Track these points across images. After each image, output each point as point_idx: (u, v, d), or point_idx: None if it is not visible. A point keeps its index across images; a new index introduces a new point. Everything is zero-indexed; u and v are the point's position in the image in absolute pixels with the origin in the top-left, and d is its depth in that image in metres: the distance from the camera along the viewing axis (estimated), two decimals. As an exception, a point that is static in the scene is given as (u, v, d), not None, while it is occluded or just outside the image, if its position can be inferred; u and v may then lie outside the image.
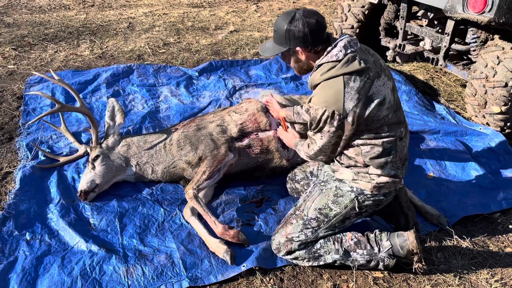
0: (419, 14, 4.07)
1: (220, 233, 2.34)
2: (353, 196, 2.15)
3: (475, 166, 3.06)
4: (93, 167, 2.69)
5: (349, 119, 1.95)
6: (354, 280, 2.21)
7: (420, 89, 4.24)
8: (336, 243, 2.18)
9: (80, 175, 2.85)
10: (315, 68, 2.04)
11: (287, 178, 2.72)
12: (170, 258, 2.28)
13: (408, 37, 4.36)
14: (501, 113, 3.35)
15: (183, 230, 2.47)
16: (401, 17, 4.06)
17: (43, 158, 2.98)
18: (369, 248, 2.16)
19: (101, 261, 2.24)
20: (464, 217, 2.63)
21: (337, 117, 1.94)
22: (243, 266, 2.22)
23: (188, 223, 2.50)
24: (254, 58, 4.76)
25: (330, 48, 1.98)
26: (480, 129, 3.48)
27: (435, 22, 4.04)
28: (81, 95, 3.79)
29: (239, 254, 2.29)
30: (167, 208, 2.63)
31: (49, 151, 3.07)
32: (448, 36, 3.70)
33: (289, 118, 2.53)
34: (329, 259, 2.19)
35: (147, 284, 2.14)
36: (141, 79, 4.17)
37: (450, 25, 3.64)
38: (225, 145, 2.71)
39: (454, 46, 3.83)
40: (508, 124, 3.43)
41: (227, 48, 5.17)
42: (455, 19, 3.47)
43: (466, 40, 3.76)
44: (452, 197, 2.79)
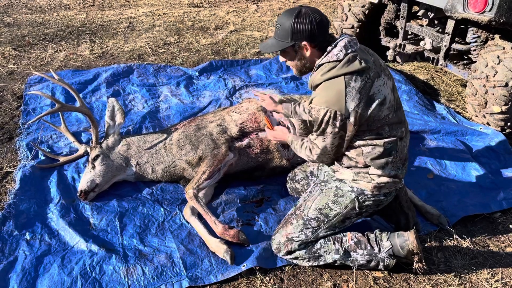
0: (420, 13, 4.06)
1: (220, 233, 2.34)
2: (353, 196, 2.15)
3: (476, 166, 3.06)
4: (93, 167, 2.69)
5: (351, 119, 1.95)
6: (354, 280, 2.20)
7: (421, 88, 4.24)
8: (336, 243, 2.18)
9: (80, 174, 2.85)
10: (315, 68, 2.04)
11: (287, 178, 2.72)
12: (170, 258, 2.28)
13: (409, 36, 4.36)
14: (501, 112, 3.34)
15: (183, 230, 2.47)
16: (402, 16, 4.06)
17: (43, 157, 2.98)
18: (369, 248, 2.16)
19: (101, 261, 2.24)
20: (464, 217, 2.63)
21: (339, 118, 1.94)
22: (243, 266, 2.22)
23: (188, 222, 2.50)
24: (254, 58, 4.76)
25: (330, 48, 1.97)
26: (481, 129, 3.47)
27: (436, 22, 4.04)
28: (81, 95, 3.78)
29: (239, 254, 2.29)
30: (167, 208, 2.63)
31: (49, 150, 3.06)
32: (448, 35, 3.69)
33: (287, 115, 2.52)
34: (329, 259, 2.18)
35: (147, 284, 2.14)
36: (141, 78, 4.16)
37: (450, 25, 3.64)
38: (225, 144, 2.71)
39: (454, 45, 3.82)
40: (509, 123, 3.43)
41: (227, 48, 5.17)
42: (455, 18, 3.47)
43: (467, 40, 3.75)
44: (452, 197, 2.79)
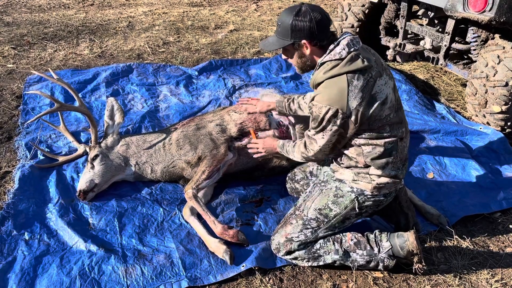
0: (420, 13, 4.06)
1: (220, 233, 2.33)
2: (353, 196, 2.15)
3: (475, 166, 3.05)
4: (92, 167, 2.68)
5: (352, 118, 1.94)
6: (354, 280, 2.20)
7: (420, 88, 4.23)
8: (335, 243, 2.17)
9: (79, 174, 2.85)
10: (318, 66, 2.02)
11: (287, 178, 2.71)
12: (169, 258, 2.27)
13: (409, 36, 4.35)
14: (501, 112, 3.34)
15: (182, 230, 2.47)
16: (402, 16, 4.05)
17: (42, 157, 2.98)
18: (369, 248, 2.15)
19: (100, 261, 2.24)
20: (464, 217, 2.62)
21: (341, 116, 1.93)
22: (243, 266, 2.21)
23: (187, 222, 2.49)
24: (254, 58, 4.75)
25: (332, 46, 1.96)
26: (481, 128, 3.47)
27: (436, 21, 4.03)
28: (80, 94, 3.78)
29: (238, 254, 2.28)
30: (166, 207, 2.62)
31: (48, 150, 3.06)
32: (448, 35, 3.69)
33: (282, 112, 2.51)
34: (328, 259, 2.18)
35: (146, 284, 2.13)
36: (140, 78, 4.16)
37: (450, 24, 3.63)
38: (224, 144, 2.70)
39: (454, 45, 3.82)
40: (509, 123, 3.42)
41: (227, 47, 5.16)
42: (455, 18, 3.46)
43: (467, 39, 3.75)
44: (452, 196, 2.78)
